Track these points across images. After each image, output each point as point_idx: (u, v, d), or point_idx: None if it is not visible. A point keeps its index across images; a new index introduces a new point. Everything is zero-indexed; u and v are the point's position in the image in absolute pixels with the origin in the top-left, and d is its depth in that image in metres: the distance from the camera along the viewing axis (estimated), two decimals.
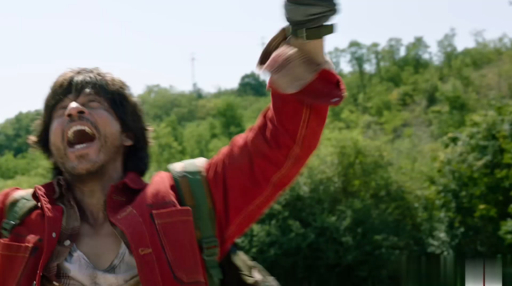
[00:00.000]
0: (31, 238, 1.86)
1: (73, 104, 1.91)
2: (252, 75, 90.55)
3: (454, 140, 29.73)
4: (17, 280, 1.82)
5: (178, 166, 1.97)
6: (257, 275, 2.00)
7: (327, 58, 1.76)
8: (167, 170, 2.00)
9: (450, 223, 28.97)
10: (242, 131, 2.06)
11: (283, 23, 1.72)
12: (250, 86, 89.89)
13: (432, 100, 60.09)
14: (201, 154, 43.42)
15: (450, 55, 71.86)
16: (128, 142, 2.00)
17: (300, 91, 1.72)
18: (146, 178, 2.03)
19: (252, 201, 1.90)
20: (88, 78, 1.97)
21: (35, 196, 1.95)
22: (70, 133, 1.91)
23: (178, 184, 1.93)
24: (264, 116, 1.86)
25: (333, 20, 1.67)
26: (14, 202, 1.97)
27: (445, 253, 29.50)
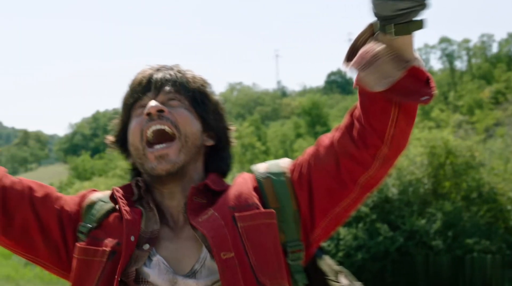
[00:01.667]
0: (109, 242, 1.84)
1: (153, 103, 1.88)
2: (339, 73, 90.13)
3: None
4: None
5: (261, 167, 1.93)
6: (343, 280, 1.95)
7: (416, 54, 1.70)
8: (250, 171, 1.96)
9: None
10: (328, 130, 2.01)
11: (371, 18, 1.67)
12: (336, 84, 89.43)
13: None
14: (286, 155, 43.44)
15: None
16: (210, 142, 1.96)
17: (389, 89, 1.66)
18: (228, 180, 1.99)
19: (339, 203, 1.84)
20: (168, 76, 1.94)
21: (112, 198, 1.92)
22: (149, 132, 1.87)
23: (262, 185, 1.89)
24: (351, 115, 1.80)
25: (422, 15, 1.61)
26: (91, 205, 1.95)
27: None
